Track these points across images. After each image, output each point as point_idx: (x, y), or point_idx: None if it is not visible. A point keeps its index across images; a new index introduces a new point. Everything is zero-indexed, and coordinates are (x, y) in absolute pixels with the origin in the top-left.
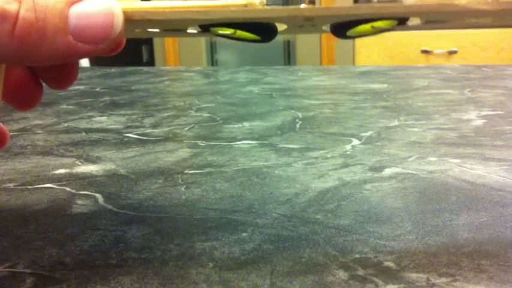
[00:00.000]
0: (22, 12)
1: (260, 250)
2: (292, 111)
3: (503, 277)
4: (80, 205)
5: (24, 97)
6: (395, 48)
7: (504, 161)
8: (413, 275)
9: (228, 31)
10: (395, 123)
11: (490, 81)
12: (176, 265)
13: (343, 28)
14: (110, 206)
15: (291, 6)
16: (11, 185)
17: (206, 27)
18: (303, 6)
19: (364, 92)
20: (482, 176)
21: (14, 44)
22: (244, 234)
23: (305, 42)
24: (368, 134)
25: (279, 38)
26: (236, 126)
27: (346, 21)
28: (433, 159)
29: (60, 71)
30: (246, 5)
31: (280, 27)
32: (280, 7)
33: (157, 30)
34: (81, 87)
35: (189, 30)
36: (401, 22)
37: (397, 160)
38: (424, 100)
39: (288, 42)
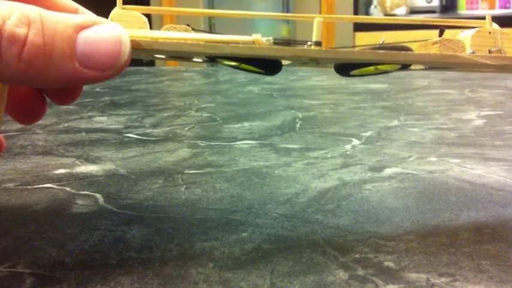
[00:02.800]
0: (31, 36)
1: (260, 250)
2: (292, 111)
3: (503, 277)
4: (80, 205)
5: (27, 111)
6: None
7: (504, 161)
8: (413, 275)
9: (234, 63)
10: (395, 123)
11: (490, 81)
12: (176, 265)
13: (347, 68)
14: (110, 206)
15: (297, 47)
16: (11, 185)
17: (212, 58)
18: (308, 44)
19: (364, 92)
20: (482, 176)
21: (20, 66)
22: (244, 234)
23: None
24: (368, 134)
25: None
26: (236, 126)
27: (350, 63)
28: (433, 159)
29: (65, 88)
30: (253, 42)
31: (285, 62)
32: (287, 47)
33: (163, 56)
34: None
35: (195, 59)
36: (404, 66)
37: (397, 160)
38: (424, 100)
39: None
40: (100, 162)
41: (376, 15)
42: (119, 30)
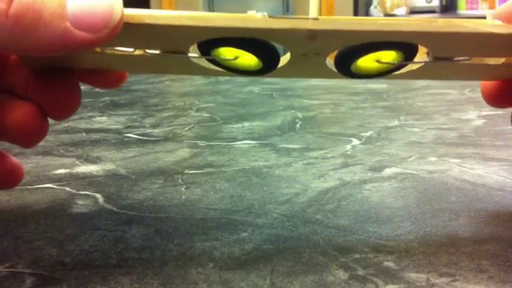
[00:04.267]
0: None
1: (260, 250)
2: (292, 111)
3: (503, 277)
4: (80, 205)
5: (29, 133)
6: None
7: (504, 161)
8: (413, 275)
9: (229, 55)
10: (395, 123)
11: None
12: (176, 265)
13: (347, 59)
14: (110, 206)
15: (293, 19)
16: None
17: (206, 49)
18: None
19: (364, 92)
20: (482, 176)
21: (8, 24)
22: (244, 234)
23: None
24: (368, 134)
25: None
26: (236, 126)
27: (351, 49)
28: (433, 159)
29: (63, 100)
30: (248, 16)
31: (283, 61)
32: (282, 19)
33: (157, 52)
34: (82, 87)
35: (190, 54)
36: (407, 56)
37: (397, 160)
38: (424, 100)
39: None
40: (100, 162)
41: (376, 15)
42: None
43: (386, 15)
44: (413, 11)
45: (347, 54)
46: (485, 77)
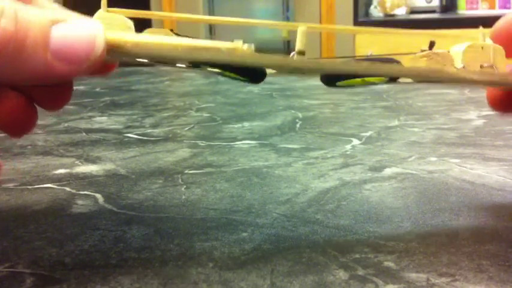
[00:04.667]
0: (2, 23)
1: (260, 250)
2: (292, 111)
3: (503, 277)
4: (80, 205)
5: (18, 123)
6: (396, 47)
7: (504, 161)
8: (413, 275)
9: (217, 70)
10: (395, 123)
11: None
12: (176, 265)
13: (334, 79)
14: (110, 206)
15: (278, 57)
16: (11, 185)
17: (196, 64)
18: (292, 55)
19: (364, 92)
20: (482, 176)
21: None
22: (244, 234)
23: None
24: (368, 134)
25: (279, 39)
26: (236, 126)
27: (335, 74)
28: (433, 159)
29: (54, 92)
30: (234, 49)
31: (270, 70)
32: (268, 56)
33: (145, 60)
34: (81, 87)
35: (179, 65)
36: (392, 79)
37: (397, 160)
38: (424, 100)
39: (288, 42)
40: (100, 162)
41: (376, 15)
42: (95, 26)
43: (386, 15)
44: (413, 11)
45: (333, 77)
46: (482, 86)
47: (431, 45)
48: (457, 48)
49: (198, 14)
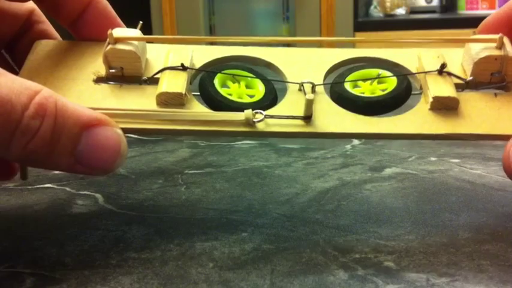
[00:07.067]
0: (41, 131)
1: (260, 250)
2: None
3: (503, 277)
4: (80, 205)
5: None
6: (396, 48)
7: None
8: (413, 275)
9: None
10: None
11: None
12: (176, 265)
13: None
14: (110, 206)
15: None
16: (11, 185)
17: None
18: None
19: None
20: (482, 176)
21: (22, 154)
22: (244, 234)
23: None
24: None
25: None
26: None
27: None
28: (433, 159)
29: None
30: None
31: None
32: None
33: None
34: None
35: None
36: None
37: (397, 160)
38: None
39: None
40: None
41: (376, 15)
42: (120, 139)
43: (387, 15)
44: (413, 11)
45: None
46: None
47: (442, 67)
48: (472, 58)
49: (198, 14)
